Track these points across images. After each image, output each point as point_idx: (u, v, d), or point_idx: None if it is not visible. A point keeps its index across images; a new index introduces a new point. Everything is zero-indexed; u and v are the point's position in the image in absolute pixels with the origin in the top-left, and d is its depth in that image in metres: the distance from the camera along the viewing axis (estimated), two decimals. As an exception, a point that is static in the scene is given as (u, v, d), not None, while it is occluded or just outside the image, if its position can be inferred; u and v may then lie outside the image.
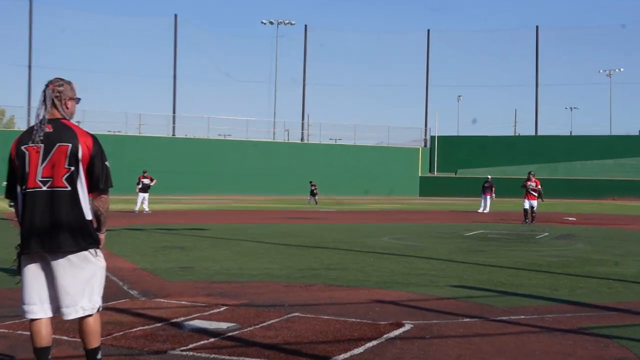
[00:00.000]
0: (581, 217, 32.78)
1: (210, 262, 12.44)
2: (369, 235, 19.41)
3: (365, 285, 9.71)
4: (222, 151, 72.60)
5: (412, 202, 58.98)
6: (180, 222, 24.58)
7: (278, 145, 77.56)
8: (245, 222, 25.96)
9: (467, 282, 10.16)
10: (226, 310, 7.72)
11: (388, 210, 39.83)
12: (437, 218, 31.07)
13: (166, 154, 67.70)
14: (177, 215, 30.39)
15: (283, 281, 10.09)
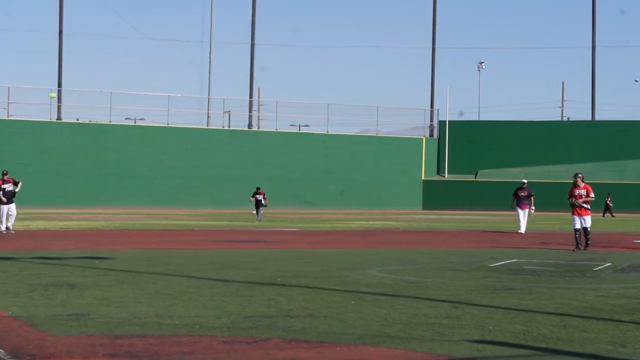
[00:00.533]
0: (658, 239, 33.11)
1: (113, 306, 12.38)
2: (349, 266, 19.42)
3: (344, 341, 9.73)
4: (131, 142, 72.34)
5: (412, 217, 59.23)
6: (69, 248, 24.38)
7: (215, 133, 77.43)
8: (165, 247, 25.84)
9: (493, 335, 10.21)
10: (138, 378, 7.69)
11: (377, 230, 39.95)
12: (448, 241, 31.20)
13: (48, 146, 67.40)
14: (63, 237, 30.12)
15: (222, 334, 10.07)
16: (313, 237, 33.03)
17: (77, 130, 71.26)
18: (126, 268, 18.42)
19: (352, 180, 77.96)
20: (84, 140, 70.07)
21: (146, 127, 75.09)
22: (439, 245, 28.53)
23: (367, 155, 79.89)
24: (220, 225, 42.41)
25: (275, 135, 79.18)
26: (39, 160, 64.66)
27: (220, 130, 78.48)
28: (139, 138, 72.70)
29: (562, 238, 33.04)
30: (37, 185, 56.97)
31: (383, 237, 33.72)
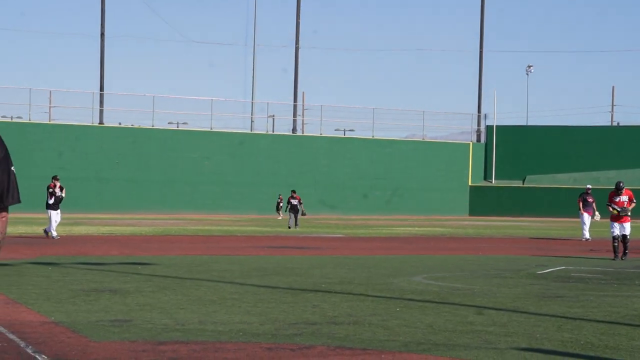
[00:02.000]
0: None
1: (156, 312, 12.46)
2: (394, 273, 19.43)
3: (388, 348, 9.75)
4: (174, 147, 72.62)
5: (458, 223, 59.03)
6: (112, 254, 24.55)
7: (258, 138, 77.59)
8: (208, 253, 25.97)
9: (540, 343, 10.19)
10: (181, 385, 7.75)
11: (423, 236, 39.88)
12: (495, 248, 31.10)
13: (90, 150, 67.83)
14: (106, 242, 30.36)
15: (266, 341, 10.12)
16: (358, 244, 33.03)
17: (119, 135, 71.66)
18: (169, 274, 18.53)
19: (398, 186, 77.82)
20: (126, 144, 70.47)
21: (189, 132, 75.31)
22: (486, 252, 28.45)
23: (413, 161, 79.69)
24: (264, 231, 42.51)
25: (320, 140, 79.16)
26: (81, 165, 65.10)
27: (264, 134, 78.61)
28: (181, 143, 72.94)
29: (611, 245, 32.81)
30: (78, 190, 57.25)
31: (429, 244, 33.67)
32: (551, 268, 21.28)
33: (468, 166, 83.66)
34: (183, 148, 72.32)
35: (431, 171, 79.91)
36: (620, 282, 18.11)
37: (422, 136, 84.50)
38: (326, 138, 79.65)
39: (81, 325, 11.16)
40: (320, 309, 13.06)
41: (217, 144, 73.81)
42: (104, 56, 78.30)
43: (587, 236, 35.97)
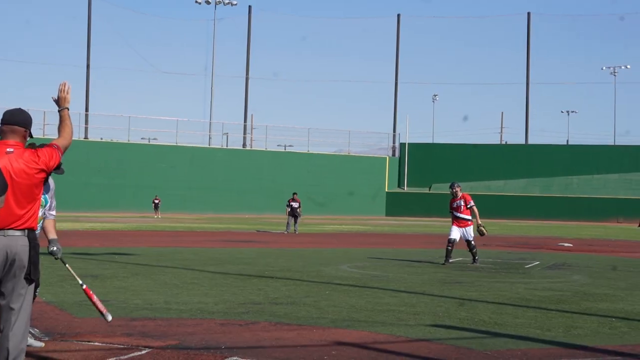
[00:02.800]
0: (579, 242, 33.28)
1: (129, 294, 12.35)
2: (324, 262, 19.43)
3: (319, 324, 9.73)
4: (146, 158, 72.17)
5: (377, 222, 59.27)
6: (93, 245, 24.31)
7: (215, 151, 77.35)
8: (173, 245, 25.80)
9: (442, 320, 10.24)
10: (149, 354, 7.68)
11: (348, 233, 39.95)
12: (407, 243, 31.26)
13: (77, 160, 66.94)
14: (89, 236, 30.05)
15: (219, 318, 10.07)
16: (295, 238, 33.01)
17: (101, 147, 71.06)
18: (140, 262, 18.39)
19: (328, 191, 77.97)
20: (107, 155, 69.85)
21: (158, 146, 74.92)
22: (399, 246, 28.58)
23: (340, 171, 79.96)
24: (219, 227, 42.34)
25: (266, 153, 79.23)
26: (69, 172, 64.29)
27: (219, 149, 78.44)
28: (152, 154, 72.55)
29: (500, 241, 33.16)
30: (67, 193, 56.65)
31: (353, 239, 33.75)
32: (452, 259, 21.41)
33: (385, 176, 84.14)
34: (153, 159, 71.93)
35: (355, 180, 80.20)
36: (507, 271, 18.27)
37: (348, 151, 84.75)
38: (270, 152, 79.72)
39: (67, 305, 11.02)
40: (264, 291, 13.02)
41: (181, 156, 73.51)
42: (89, 83, 77.64)
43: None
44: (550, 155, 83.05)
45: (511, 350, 8.21)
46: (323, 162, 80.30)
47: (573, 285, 15.13)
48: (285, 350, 7.99)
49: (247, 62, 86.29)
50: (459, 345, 8.47)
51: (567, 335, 9.25)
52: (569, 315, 10.99)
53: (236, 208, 71.92)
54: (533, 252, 25.67)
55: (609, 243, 33.97)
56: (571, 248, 28.96)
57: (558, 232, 45.47)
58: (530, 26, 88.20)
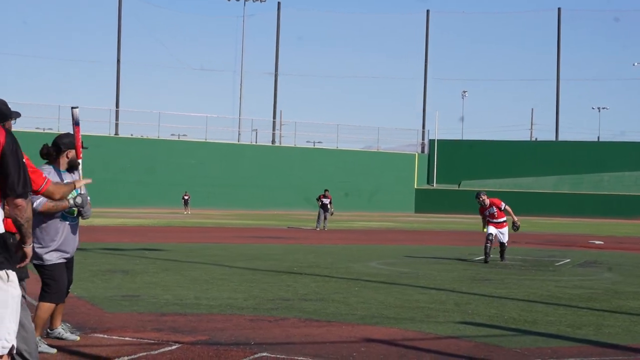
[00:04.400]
0: (610, 240, 33.01)
1: (160, 289, 12.42)
2: (353, 259, 19.44)
3: (348, 320, 9.74)
4: (176, 154, 72.45)
5: (406, 219, 59.14)
6: (123, 241, 24.46)
7: (244, 148, 77.53)
8: (203, 241, 25.90)
9: (472, 317, 10.22)
10: (179, 349, 7.72)
11: (377, 229, 39.91)
12: (436, 239, 31.18)
13: (107, 156, 67.36)
14: (119, 232, 30.23)
15: (249, 314, 10.10)
16: (324, 234, 33.01)
17: (131, 144, 71.42)
18: (170, 258, 18.48)
19: (357, 188, 77.90)
20: (137, 152, 70.21)
21: (188, 142, 75.17)
22: (429, 243, 28.52)
23: (369, 168, 79.85)
24: (248, 223, 42.45)
25: (295, 150, 79.24)
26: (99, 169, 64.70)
27: (248, 145, 78.59)
28: (181, 151, 72.81)
29: (530, 238, 32.97)
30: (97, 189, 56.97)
31: (382, 236, 33.72)
32: (481, 256, 21.34)
33: (414, 173, 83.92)
34: (183, 155, 72.19)
35: (384, 176, 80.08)
36: (537, 269, 18.19)
37: (377, 147, 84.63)
38: (299, 148, 79.75)
39: (98, 299, 11.11)
40: (293, 288, 13.05)
41: (211, 152, 73.74)
42: (119, 79, 78.08)
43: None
44: (580, 152, 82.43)
45: (541, 348, 8.18)
46: (352, 159, 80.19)
47: (604, 283, 15.03)
48: (315, 347, 8.01)
49: (276, 58, 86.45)
50: (488, 343, 8.45)
51: (597, 334, 9.20)
52: (599, 313, 10.92)
53: (265, 204, 72.04)
54: (563, 250, 25.51)
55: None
56: (602, 246, 28.73)
57: (589, 229, 45.14)
58: (560, 22, 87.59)
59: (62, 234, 7.63)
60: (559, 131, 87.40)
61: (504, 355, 7.77)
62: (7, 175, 4.69)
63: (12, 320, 4.66)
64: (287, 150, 78.98)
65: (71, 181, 7.42)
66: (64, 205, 7.44)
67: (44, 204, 7.32)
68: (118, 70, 78.70)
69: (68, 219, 7.68)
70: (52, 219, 7.53)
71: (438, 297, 12.28)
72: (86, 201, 7.57)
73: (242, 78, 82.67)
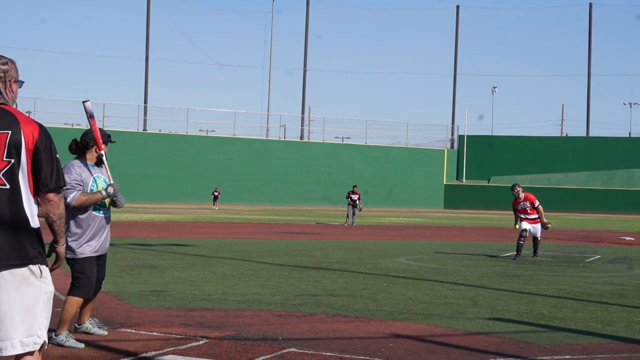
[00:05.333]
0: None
1: (188, 284, 12.46)
2: (381, 255, 19.42)
3: (376, 316, 9.73)
4: (204, 150, 72.76)
5: (435, 215, 59.01)
6: (152, 236, 24.57)
7: (272, 143, 77.67)
8: (231, 237, 25.97)
9: (501, 313, 10.17)
10: (206, 344, 7.74)
11: (406, 225, 39.83)
12: (465, 235, 31.07)
13: (135, 152, 67.83)
14: (147, 227, 30.38)
15: (276, 309, 10.11)
16: (352, 230, 33.02)
17: (160, 140, 71.75)
18: (198, 253, 18.54)
19: (385, 184, 77.83)
20: (165, 147, 70.55)
21: (216, 138, 75.43)
22: (457, 239, 28.44)
23: (398, 163, 79.76)
24: (276, 219, 42.53)
25: (323, 145, 79.28)
26: (128, 164, 65.09)
27: (277, 141, 78.73)
28: (210, 146, 73.08)
29: (560, 234, 32.77)
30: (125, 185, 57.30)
31: (410, 231, 33.66)
32: (510, 252, 21.25)
33: (443, 168, 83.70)
34: (211, 151, 72.46)
35: (413, 172, 79.97)
36: (567, 265, 18.08)
37: (406, 143, 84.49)
38: (328, 144, 79.76)
39: (126, 294, 11.16)
40: (321, 283, 13.05)
41: (239, 148, 73.95)
42: (147, 75, 78.49)
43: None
44: (611, 147, 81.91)
45: (571, 345, 8.12)
46: (380, 154, 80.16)
47: (635, 280, 14.91)
48: (343, 342, 8.00)
49: (304, 54, 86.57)
50: (517, 339, 8.40)
51: (628, 330, 9.12)
52: (630, 309, 10.83)
53: (293, 200, 72.18)
54: (594, 246, 25.34)
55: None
56: (633, 242, 28.51)
57: (619, 225, 44.79)
58: (592, 17, 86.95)
59: (94, 226, 7.69)
60: (590, 127, 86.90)
61: (533, 352, 7.72)
62: (40, 170, 4.65)
63: (44, 317, 4.64)
64: (315, 146, 79.04)
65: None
66: (97, 197, 7.52)
67: (78, 198, 7.39)
68: (146, 66, 79.13)
69: (101, 211, 7.74)
70: (85, 211, 7.60)
71: (467, 293, 12.24)
72: (117, 190, 7.66)
73: (270, 74, 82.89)
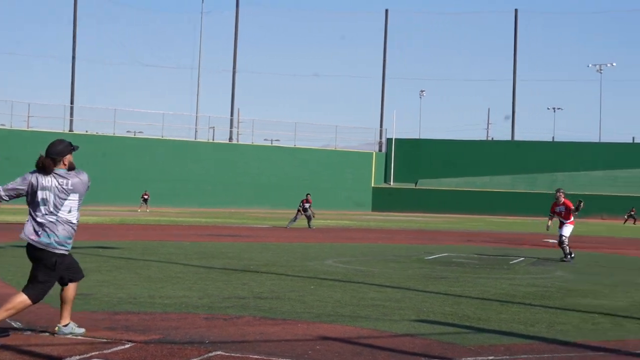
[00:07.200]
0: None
1: (113, 287, 12.31)
2: (309, 257, 19.44)
3: (304, 319, 9.74)
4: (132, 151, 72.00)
5: (363, 217, 59.30)
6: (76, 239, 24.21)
7: (201, 145, 77.23)
8: (158, 239, 25.74)
9: (426, 315, 10.26)
10: (132, 348, 7.66)
11: (333, 228, 39.95)
12: (392, 238, 31.29)
13: (61, 153, 66.65)
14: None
15: (203, 312, 10.05)
16: (278, 233, 33.00)
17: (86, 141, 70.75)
18: (124, 256, 18.34)
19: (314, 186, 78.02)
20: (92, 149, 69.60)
21: (144, 139, 74.71)
22: (385, 241, 28.61)
23: (327, 166, 80.00)
24: (204, 221, 42.28)
25: (252, 147, 79.15)
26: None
27: (205, 142, 78.31)
28: (137, 148, 72.34)
29: (485, 236, 33.25)
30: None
31: (338, 234, 33.78)
32: (437, 254, 21.47)
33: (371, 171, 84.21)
34: (139, 152, 71.72)
35: (341, 175, 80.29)
36: (491, 267, 18.33)
37: (335, 146, 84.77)
38: (257, 146, 79.68)
39: (50, 298, 10.93)
40: (248, 286, 13.02)
41: (167, 149, 73.36)
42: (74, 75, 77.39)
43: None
44: (535, 151, 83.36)
45: (494, 346, 8.24)
46: (309, 157, 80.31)
47: (557, 281, 15.20)
48: (270, 345, 7.99)
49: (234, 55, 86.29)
50: (442, 340, 8.49)
51: (550, 331, 9.29)
52: (552, 311, 11.04)
53: (222, 202, 71.83)
54: (518, 249, 25.77)
55: (592, 239, 34.11)
56: (555, 244, 29.03)
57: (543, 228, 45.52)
58: (517, 23, 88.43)
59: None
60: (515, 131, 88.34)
61: (458, 353, 7.82)
62: None
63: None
64: (244, 148, 78.84)
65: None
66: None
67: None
68: (73, 66, 78.00)
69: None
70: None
71: (393, 295, 12.32)
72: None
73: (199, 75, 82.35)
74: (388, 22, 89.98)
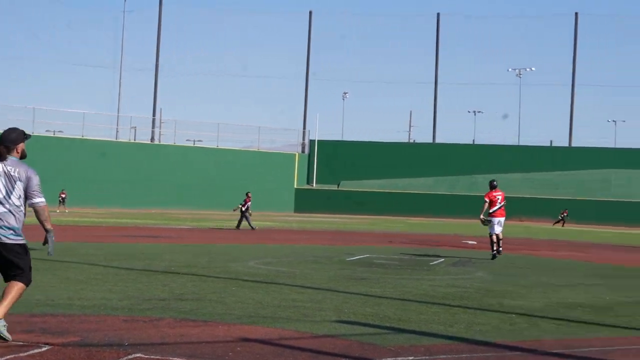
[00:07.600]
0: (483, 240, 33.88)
1: (30, 289, 12.06)
2: (231, 258, 19.37)
3: (225, 320, 9.70)
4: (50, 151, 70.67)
5: (285, 218, 59.34)
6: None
7: (122, 146, 76.32)
8: (77, 240, 25.36)
9: (347, 316, 10.32)
10: (49, 351, 7.53)
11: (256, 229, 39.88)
12: (314, 239, 31.38)
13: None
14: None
15: (123, 314, 9.94)
16: (200, 234, 32.82)
17: (4, 140, 69.35)
18: (42, 257, 17.97)
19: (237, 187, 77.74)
20: (10, 148, 68.25)
21: (64, 139, 73.52)
22: (307, 242, 28.68)
23: (250, 167, 79.84)
24: (125, 222, 41.80)
25: (174, 148, 78.53)
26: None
27: (127, 143, 77.45)
28: (57, 148, 71.11)
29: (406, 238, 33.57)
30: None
31: (261, 235, 33.73)
32: (358, 256, 21.60)
33: (294, 172, 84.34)
34: (58, 152, 70.52)
35: (264, 176, 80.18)
36: (412, 268, 18.51)
37: (258, 147, 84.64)
38: (179, 147, 79.11)
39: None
40: (169, 287, 12.92)
41: (88, 149, 72.32)
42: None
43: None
44: (456, 154, 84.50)
45: (414, 346, 8.32)
46: (232, 158, 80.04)
47: (476, 282, 15.44)
48: (190, 347, 7.94)
49: (157, 55, 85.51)
50: (363, 341, 8.54)
51: (469, 331, 9.43)
52: (471, 311, 11.20)
53: (143, 203, 71.07)
54: (438, 250, 26.07)
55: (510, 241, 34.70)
56: (475, 246, 29.50)
57: (463, 230, 46.24)
58: (439, 26, 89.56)
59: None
60: (436, 134, 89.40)
61: (378, 353, 7.88)
62: None
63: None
64: (166, 149, 78.19)
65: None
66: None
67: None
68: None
69: None
70: None
71: (315, 296, 12.36)
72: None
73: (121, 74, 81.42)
74: (312, 23, 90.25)
